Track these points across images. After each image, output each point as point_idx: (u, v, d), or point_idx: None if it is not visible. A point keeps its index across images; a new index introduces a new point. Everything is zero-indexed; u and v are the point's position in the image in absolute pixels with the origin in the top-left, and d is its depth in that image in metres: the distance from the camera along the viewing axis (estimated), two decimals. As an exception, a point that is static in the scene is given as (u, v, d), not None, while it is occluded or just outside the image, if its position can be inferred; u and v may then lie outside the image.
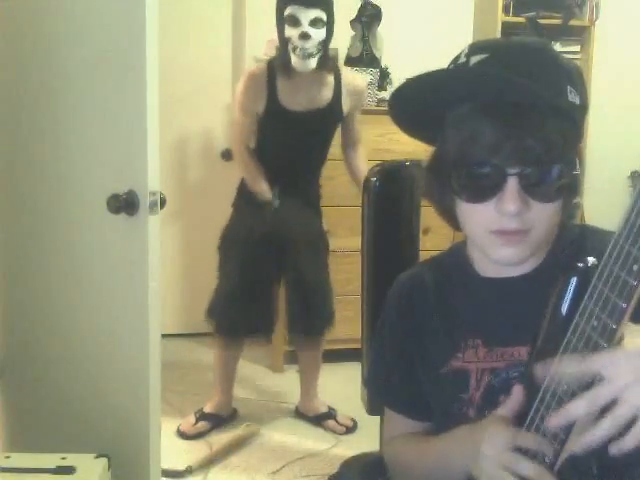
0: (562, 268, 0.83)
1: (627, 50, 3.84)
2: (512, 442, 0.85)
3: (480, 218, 0.92)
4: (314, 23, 2.52)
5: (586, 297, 0.76)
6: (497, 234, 0.91)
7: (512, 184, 0.87)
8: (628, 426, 0.71)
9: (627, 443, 0.71)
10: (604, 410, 0.72)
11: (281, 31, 2.57)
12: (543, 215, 0.90)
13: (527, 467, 0.83)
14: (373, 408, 1.36)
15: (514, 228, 0.89)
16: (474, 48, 0.93)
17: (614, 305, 0.72)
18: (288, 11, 2.53)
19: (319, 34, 2.53)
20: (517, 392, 0.87)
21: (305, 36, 2.50)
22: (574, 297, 0.80)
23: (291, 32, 2.52)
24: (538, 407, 0.83)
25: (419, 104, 0.92)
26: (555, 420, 0.77)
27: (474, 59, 0.92)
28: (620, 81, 3.81)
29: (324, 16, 2.54)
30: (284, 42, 2.56)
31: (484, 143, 0.87)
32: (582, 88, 0.93)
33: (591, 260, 0.79)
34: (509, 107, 0.86)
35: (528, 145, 0.86)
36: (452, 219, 0.99)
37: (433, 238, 2.59)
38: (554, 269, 0.86)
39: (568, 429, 0.79)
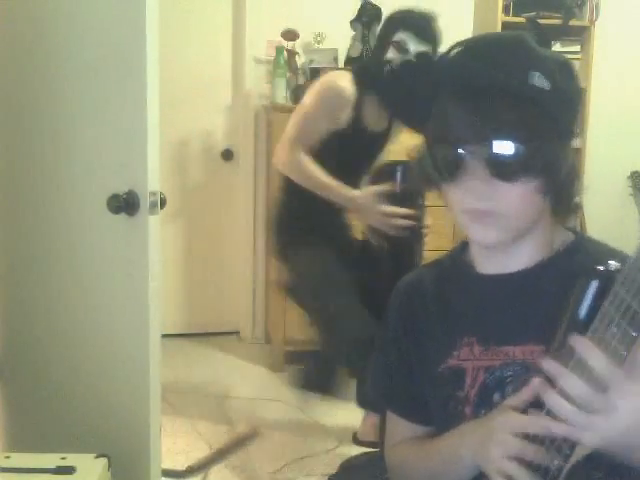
0: (560, 271, 0.82)
1: (627, 50, 3.83)
2: (522, 428, 0.84)
3: (454, 198, 0.96)
4: (419, 56, 2.41)
5: (607, 303, 0.74)
6: (468, 214, 0.94)
7: (473, 162, 0.91)
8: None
9: None
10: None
11: (381, 50, 2.45)
12: (510, 195, 0.91)
13: (533, 452, 0.82)
14: (362, 401, 1.36)
15: (481, 207, 0.92)
16: (456, 43, 0.98)
17: (635, 313, 0.70)
18: (399, 36, 2.42)
19: None
20: (536, 384, 0.85)
21: None
22: (593, 301, 0.78)
23: (395, 56, 2.42)
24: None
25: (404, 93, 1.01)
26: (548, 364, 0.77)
27: (452, 52, 0.98)
28: (620, 81, 3.80)
29: (430, 52, 2.43)
30: (381, 62, 2.43)
31: (449, 125, 0.93)
32: (561, 75, 0.93)
33: (614, 264, 0.78)
34: (474, 92, 0.90)
35: (485, 124, 0.89)
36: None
37: (433, 238, 2.59)
38: (552, 270, 0.86)
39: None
